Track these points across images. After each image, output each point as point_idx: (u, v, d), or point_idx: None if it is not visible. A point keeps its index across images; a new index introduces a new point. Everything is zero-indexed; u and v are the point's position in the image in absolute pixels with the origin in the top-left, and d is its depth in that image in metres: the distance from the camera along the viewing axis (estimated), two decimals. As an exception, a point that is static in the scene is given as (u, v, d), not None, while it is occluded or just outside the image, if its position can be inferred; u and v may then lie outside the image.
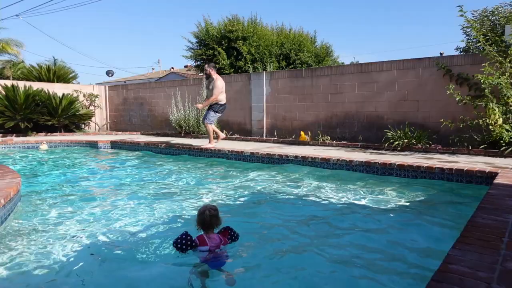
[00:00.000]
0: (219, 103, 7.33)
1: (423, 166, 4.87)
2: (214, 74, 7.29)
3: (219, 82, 7.20)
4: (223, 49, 15.72)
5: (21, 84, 11.64)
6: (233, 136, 9.85)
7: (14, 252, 2.66)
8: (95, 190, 4.91)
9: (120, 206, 3.94)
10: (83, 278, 2.36)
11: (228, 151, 6.98)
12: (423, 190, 4.42)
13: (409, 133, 6.85)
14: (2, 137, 10.64)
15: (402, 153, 6.47)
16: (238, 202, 4.17)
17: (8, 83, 11.61)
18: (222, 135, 7.78)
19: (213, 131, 7.57)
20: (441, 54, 12.97)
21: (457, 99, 6.42)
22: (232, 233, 2.65)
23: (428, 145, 6.69)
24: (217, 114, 7.46)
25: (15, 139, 10.13)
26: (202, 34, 16.30)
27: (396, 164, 5.07)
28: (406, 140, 6.74)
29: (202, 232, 2.56)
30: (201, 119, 10.24)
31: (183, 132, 10.68)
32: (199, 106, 7.53)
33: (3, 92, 11.16)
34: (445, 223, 3.37)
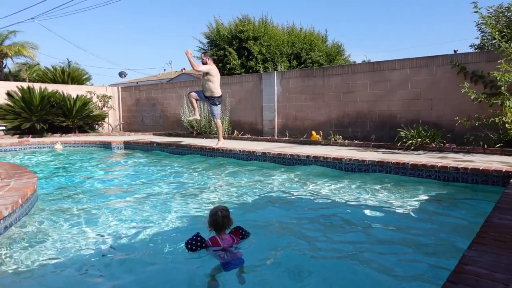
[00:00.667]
0: (215, 96, 7.35)
1: (437, 166, 4.80)
2: (211, 64, 7.28)
3: (208, 66, 7.20)
4: (234, 49, 15.77)
5: (36, 86, 11.88)
6: (245, 136, 9.87)
7: (30, 251, 2.72)
8: (109, 190, 4.97)
9: (133, 206, 3.98)
10: (97, 278, 2.39)
11: (240, 151, 7.00)
12: (437, 190, 4.35)
13: (423, 132, 6.75)
14: (19, 138, 10.88)
15: (416, 152, 6.38)
16: (249, 202, 4.17)
17: (24, 85, 11.86)
18: (197, 116, 7.95)
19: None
20: (455, 51, 12.77)
21: (472, 97, 6.30)
22: (244, 232, 2.66)
23: (442, 144, 6.59)
24: (219, 105, 7.52)
25: (31, 140, 10.34)
26: (213, 35, 16.38)
27: (410, 163, 5.01)
28: (419, 139, 6.65)
29: (214, 234, 2.57)
30: (212, 119, 10.29)
31: (194, 132, 10.74)
32: (189, 51, 7.25)
33: (20, 94, 11.40)
34: (460, 223, 3.32)
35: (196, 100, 7.63)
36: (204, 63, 7.29)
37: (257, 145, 7.85)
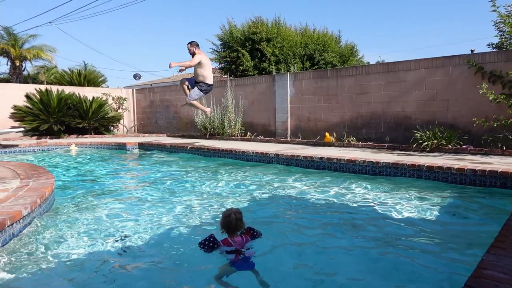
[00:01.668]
0: (206, 82, 7.24)
1: (453, 168, 4.71)
2: (198, 51, 7.20)
3: (198, 56, 7.07)
4: (247, 51, 15.79)
5: (54, 88, 12.14)
6: (258, 137, 9.87)
7: (47, 250, 2.78)
8: (123, 191, 5.04)
9: (147, 206, 4.03)
10: (112, 277, 2.43)
11: (253, 152, 7.01)
12: (453, 193, 4.27)
13: (439, 133, 6.64)
14: (37, 139, 11.13)
15: (431, 154, 6.28)
16: (261, 204, 4.17)
17: (42, 87, 12.14)
18: (207, 109, 7.95)
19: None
20: (472, 51, 12.50)
21: (491, 98, 6.17)
22: (255, 233, 2.66)
23: (458, 146, 6.47)
24: (201, 93, 7.37)
25: (49, 141, 10.57)
26: (226, 37, 16.45)
27: (425, 165, 4.93)
28: (435, 141, 6.54)
29: (227, 236, 2.58)
30: (226, 121, 10.35)
31: (208, 133, 10.81)
32: (173, 63, 7.26)
33: (38, 96, 11.67)
34: (477, 227, 3.25)
35: (188, 87, 7.57)
36: (192, 53, 7.20)
37: (270, 147, 7.85)
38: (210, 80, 7.29)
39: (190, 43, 7.24)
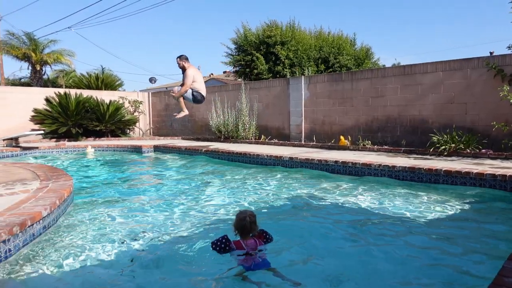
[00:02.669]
0: (200, 92, 7.31)
1: (472, 172, 4.60)
2: (187, 65, 7.24)
3: (189, 71, 7.13)
4: (261, 54, 15.84)
5: (72, 92, 12.43)
6: (272, 141, 9.87)
7: (65, 250, 2.83)
8: (138, 193, 5.10)
9: (162, 208, 4.07)
10: (126, 277, 2.46)
11: (267, 155, 7.01)
12: (472, 198, 4.18)
13: (457, 137, 6.51)
14: (56, 141, 11.40)
15: (449, 158, 6.16)
16: (275, 207, 4.17)
17: (61, 91, 12.43)
18: (186, 112, 7.84)
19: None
20: (491, 53, 12.24)
21: None
22: (268, 236, 2.65)
23: (477, 150, 6.32)
24: (191, 96, 7.36)
25: (67, 143, 10.81)
26: (240, 40, 16.54)
27: (443, 170, 4.84)
28: (453, 145, 6.41)
29: (239, 238, 2.58)
30: (240, 124, 10.39)
31: (222, 137, 10.86)
32: (175, 90, 7.32)
33: (57, 100, 11.96)
34: (498, 233, 3.17)
35: (184, 99, 7.63)
36: (182, 67, 7.29)
37: (284, 150, 7.84)
38: (204, 92, 7.42)
39: (179, 57, 7.32)
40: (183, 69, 7.30)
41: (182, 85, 7.37)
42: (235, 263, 2.46)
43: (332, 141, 8.76)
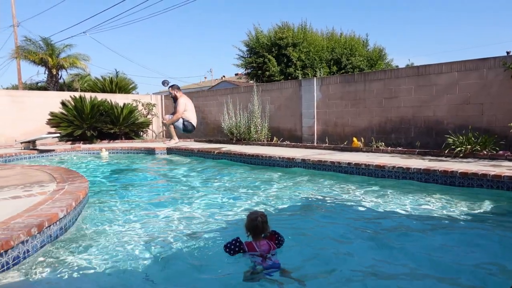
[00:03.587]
0: (191, 121, 7.45)
1: (489, 175, 4.51)
2: (179, 94, 7.43)
3: (181, 100, 7.32)
4: (273, 56, 15.87)
5: (87, 95, 12.65)
6: (284, 143, 9.86)
7: (81, 252, 2.88)
8: (151, 194, 5.16)
9: (174, 209, 4.10)
10: (141, 279, 2.49)
11: (279, 157, 7.00)
12: (489, 201, 4.09)
13: (473, 138, 6.39)
14: (71, 144, 11.61)
15: (465, 160, 6.05)
16: (287, 209, 4.15)
17: (77, 94, 12.67)
18: (176, 139, 7.96)
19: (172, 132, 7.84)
20: (507, 53, 12.00)
21: (529, 101, 5.88)
22: (280, 237, 2.65)
23: (494, 152, 6.19)
24: (182, 126, 7.57)
25: (82, 146, 11.00)
26: (252, 43, 16.60)
27: (459, 172, 4.75)
28: (469, 146, 6.29)
29: (251, 239, 2.58)
30: (252, 126, 10.41)
31: (234, 139, 10.89)
32: (166, 118, 7.57)
33: (72, 103, 12.19)
34: (516, 237, 3.10)
35: (175, 128, 7.82)
36: (174, 96, 7.49)
37: (296, 152, 7.81)
38: (194, 122, 7.52)
39: (171, 86, 7.55)
40: (175, 98, 7.50)
41: (173, 113, 7.55)
42: (248, 264, 2.47)
43: (345, 143, 8.70)
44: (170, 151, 9.85)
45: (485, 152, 6.19)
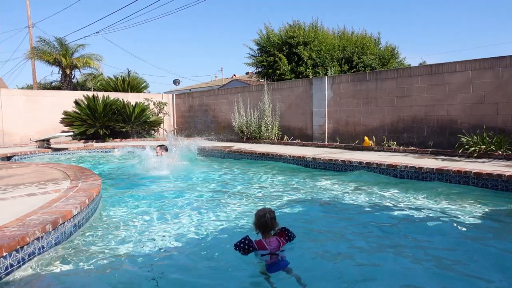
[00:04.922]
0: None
1: (504, 175, 4.43)
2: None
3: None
4: (284, 55, 15.82)
5: (100, 95, 12.81)
6: (294, 141, 9.83)
7: (94, 248, 2.93)
8: (163, 193, 5.20)
9: (183, 208, 4.13)
10: (153, 276, 2.51)
11: (290, 156, 6.98)
12: (504, 202, 4.02)
13: (487, 138, 6.27)
14: (84, 142, 11.78)
15: (479, 160, 5.94)
16: (298, 207, 4.14)
17: (90, 94, 12.84)
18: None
19: None
20: (524, 50, 11.72)
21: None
22: (290, 234, 2.65)
23: (510, 152, 6.07)
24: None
25: (95, 144, 11.15)
26: (263, 41, 16.57)
27: (473, 172, 4.68)
28: (483, 146, 6.18)
29: (261, 237, 2.58)
30: (262, 124, 10.41)
31: (245, 137, 10.91)
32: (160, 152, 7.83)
33: (85, 102, 12.36)
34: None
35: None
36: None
37: (307, 151, 7.79)
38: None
39: (160, 147, 7.87)
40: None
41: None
42: (259, 263, 2.48)
43: (356, 142, 8.64)
44: (181, 149, 9.90)
45: (500, 152, 6.08)
